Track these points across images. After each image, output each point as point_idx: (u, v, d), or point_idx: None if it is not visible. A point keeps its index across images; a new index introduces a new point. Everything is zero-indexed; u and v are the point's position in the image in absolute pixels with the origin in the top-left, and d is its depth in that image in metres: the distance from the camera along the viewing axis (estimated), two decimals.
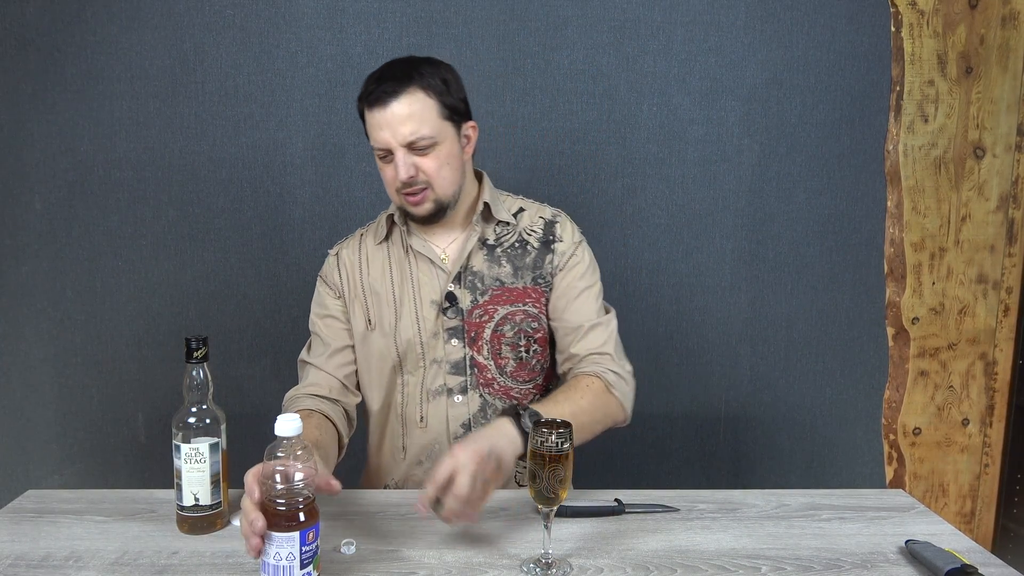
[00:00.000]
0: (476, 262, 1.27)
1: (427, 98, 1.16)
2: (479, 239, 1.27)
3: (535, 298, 1.27)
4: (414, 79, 1.15)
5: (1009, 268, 1.98)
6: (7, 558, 0.95)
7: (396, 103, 1.14)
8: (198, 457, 1.00)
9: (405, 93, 1.14)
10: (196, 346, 1.01)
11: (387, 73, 1.17)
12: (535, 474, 0.91)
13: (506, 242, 1.29)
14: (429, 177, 1.18)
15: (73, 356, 1.86)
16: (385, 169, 1.20)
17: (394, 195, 1.22)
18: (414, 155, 1.16)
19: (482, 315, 1.25)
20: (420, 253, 1.27)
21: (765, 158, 1.90)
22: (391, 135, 1.15)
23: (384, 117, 1.15)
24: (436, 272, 1.26)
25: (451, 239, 1.29)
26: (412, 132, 1.15)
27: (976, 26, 1.88)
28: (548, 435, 0.90)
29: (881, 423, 2.02)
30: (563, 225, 1.31)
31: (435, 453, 1.27)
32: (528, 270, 1.28)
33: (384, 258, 1.30)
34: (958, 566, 0.91)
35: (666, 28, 1.84)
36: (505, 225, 1.29)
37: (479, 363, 1.26)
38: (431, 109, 1.16)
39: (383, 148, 1.17)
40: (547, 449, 0.90)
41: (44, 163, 1.81)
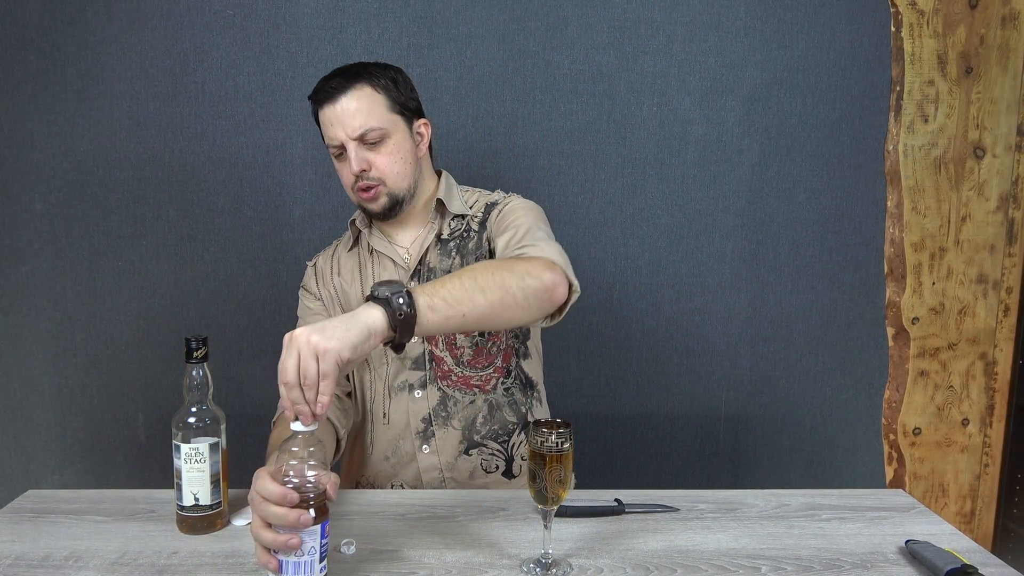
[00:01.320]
0: (432, 258, 1.29)
1: (375, 93, 1.21)
2: (435, 235, 1.29)
3: None
4: (361, 76, 1.20)
5: (1009, 268, 1.98)
6: (7, 558, 0.95)
7: (345, 98, 1.19)
8: (198, 457, 1.00)
9: (353, 88, 1.19)
10: (196, 346, 1.01)
11: (335, 72, 1.22)
12: (535, 474, 0.91)
13: (457, 235, 1.30)
14: (381, 172, 1.21)
15: (73, 356, 1.86)
16: (341, 168, 1.24)
17: (351, 193, 1.26)
18: (365, 150, 1.20)
19: None
20: (382, 253, 1.30)
21: (765, 158, 1.90)
22: (342, 129, 1.19)
23: (334, 113, 1.19)
24: (398, 271, 1.29)
25: (413, 237, 1.31)
26: (361, 125, 1.18)
27: (976, 26, 1.88)
28: (548, 435, 0.90)
29: (881, 423, 2.02)
30: (503, 199, 1.31)
31: (399, 450, 1.29)
32: (472, 255, 1.29)
33: (354, 264, 1.33)
34: (958, 566, 0.91)
35: (666, 28, 1.84)
36: (461, 219, 1.31)
37: (436, 356, 1.27)
38: (379, 103, 1.21)
39: (336, 144, 1.21)
40: (547, 449, 0.90)
41: (44, 163, 1.81)
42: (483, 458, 1.29)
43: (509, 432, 1.31)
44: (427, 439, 1.28)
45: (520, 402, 1.32)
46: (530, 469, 0.92)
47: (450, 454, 1.29)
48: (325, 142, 1.24)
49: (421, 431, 1.28)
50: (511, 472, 1.31)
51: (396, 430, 1.29)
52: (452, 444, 1.28)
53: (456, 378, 1.28)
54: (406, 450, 1.29)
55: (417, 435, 1.28)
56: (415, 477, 1.30)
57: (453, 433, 1.28)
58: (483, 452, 1.29)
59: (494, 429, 1.30)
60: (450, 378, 1.27)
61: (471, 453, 1.29)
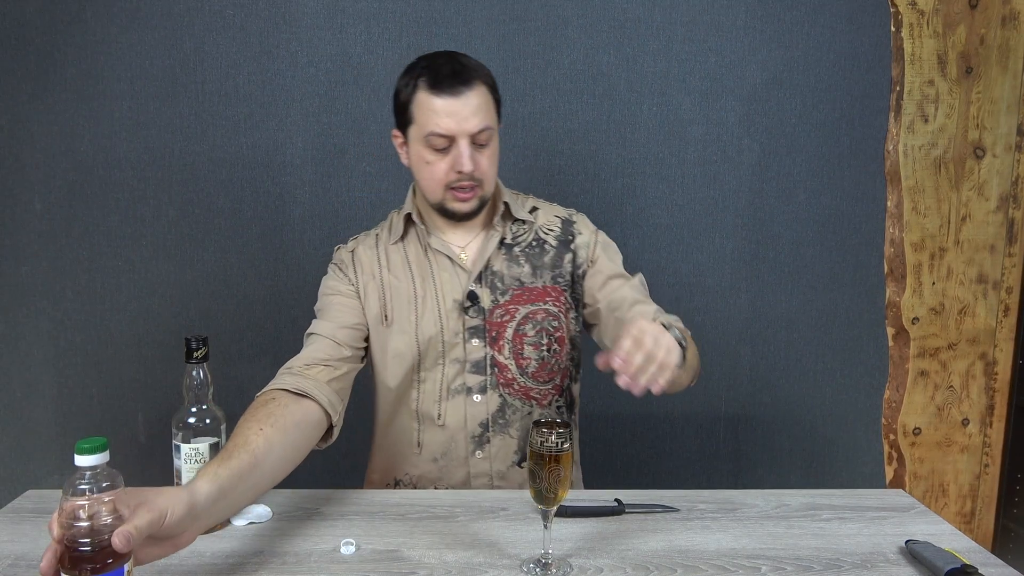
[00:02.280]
0: (496, 262, 1.26)
1: (488, 93, 1.18)
2: (499, 239, 1.27)
3: (555, 296, 1.28)
4: (480, 73, 1.17)
5: (1009, 268, 1.98)
6: (7, 558, 0.95)
7: (470, 93, 1.14)
8: (198, 457, 1.00)
9: (476, 84, 1.15)
10: (196, 346, 1.01)
11: (454, 64, 1.16)
12: (535, 474, 0.91)
13: (523, 241, 1.29)
14: (483, 173, 1.19)
15: (73, 356, 1.86)
16: (436, 162, 1.18)
17: (438, 191, 1.20)
18: (474, 149, 1.17)
19: (503, 315, 1.25)
20: (439, 252, 1.26)
21: (765, 158, 1.90)
22: (460, 123, 1.14)
23: (456, 105, 1.14)
24: (456, 271, 1.26)
25: (469, 237, 1.28)
26: (480, 123, 1.15)
27: (976, 26, 1.88)
28: (548, 435, 0.90)
29: (881, 423, 2.02)
30: (581, 222, 1.33)
31: (451, 452, 1.27)
32: (547, 269, 1.28)
33: (402, 257, 1.28)
34: (958, 566, 0.91)
35: (666, 28, 1.84)
36: (521, 224, 1.30)
37: (499, 363, 1.25)
38: (492, 105, 1.19)
39: (446, 136, 1.15)
40: (547, 449, 0.90)
41: (44, 163, 1.81)
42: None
43: None
44: (482, 444, 1.26)
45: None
46: (530, 469, 0.92)
47: (504, 462, 1.27)
48: (423, 130, 1.16)
49: (477, 436, 1.26)
50: None
51: (450, 432, 1.26)
52: (507, 452, 1.27)
53: (518, 387, 1.26)
54: (458, 453, 1.27)
55: (472, 439, 1.26)
56: (463, 482, 1.28)
57: (510, 442, 1.27)
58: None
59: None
60: (512, 386, 1.26)
61: (523, 465, 1.28)
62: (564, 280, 1.29)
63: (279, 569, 0.94)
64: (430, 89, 1.15)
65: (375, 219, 1.85)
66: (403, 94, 1.19)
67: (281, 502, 1.13)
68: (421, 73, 1.16)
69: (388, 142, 1.82)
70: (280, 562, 0.95)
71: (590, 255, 1.31)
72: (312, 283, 1.89)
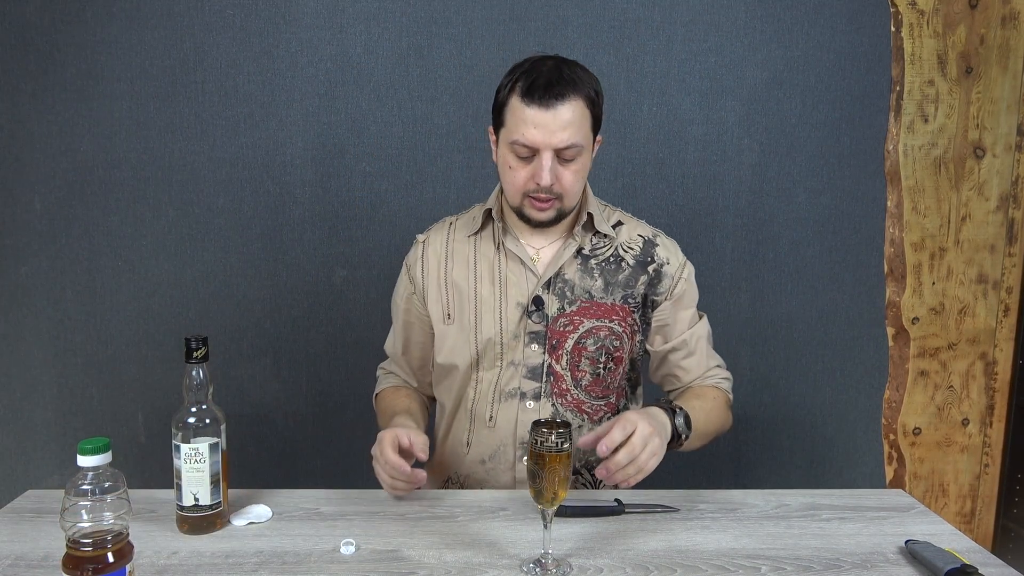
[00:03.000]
0: (569, 271, 1.25)
1: (585, 108, 1.14)
2: (576, 249, 1.25)
3: (622, 316, 1.26)
4: (579, 87, 1.13)
5: (1009, 268, 1.98)
6: (7, 558, 0.95)
7: (563, 106, 1.11)
8: (198, 457, 1.00)
9: (572, 98, 1.12)
10: (196, 346, 1.01)
11: (554, 74, 1.12)
12: (535, 474, 0.91)
13: (601, 255, 1.27)
14: (564, 188, 1.16)
15: (73, 356, 1.86)
16: (518, 169, 1.16)
17: (517, 196, 1.19)
18: (558, 163, 1.14)
19: (567, 324, 1.23)
20: (512, 252, 1.25)
21: (765, 158, 1.90)
22: (546, 137, 1.12)
23: (545, 117, 1.11)
24: (526, 274, 1.24)
25: (546, 242, 1.27)
26: (568, 139, 1.12)
27: (976, 26, 1.88)
28: (548, 435, 0.90)
29: (881, 423, 2.02)
30: (665, 246, 1.30)
31: (499, 455, 1.26)
32: (619, 287, 1.26)
33: (471, 252, 1.27)
34: (958, 566, 0.91)
35: (666, 28, 1.84)
36: (603, 237, 1.27)
37: (556, 372, 1.24)
38: (587, 120, 1.15)
39: (529, 146, 1.13)
40: (547, 449, 0.90)
41: (44, 163, 1.81)
42: (578, 485, 1.28)
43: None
44: None
45: None
46: (530, 469, 0.92)
47: None
48: (510, 135, 1.14)
49: (525, 442, 1.24)
50: None
51: (500, 436, 1.25)
52: None
53: (571, 399, 1.25)
54: (506, 457, 1.26)
55: (521, 445, 1.25)
56: (508, 484, 1.27)
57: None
58: (579, 480, 1.28)
59: (591, 460, 1.29)
60: (566, 397, 1.25)
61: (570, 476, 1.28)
62: (635, 301, 1.27)
63: (279, 569, 0.94)
64: (523, 96, 1.12)
65: (375, 219, 1.86)
66: (500, 94, 1.17)
67: (281, 502, 1.13)
68: (520, 77, 1.14)
69: (388, 142, 1.84)
70: (280, 562, 0.95)
71: (672, 287, 1.29)
72: (312, 283, 1.90)
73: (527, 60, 1.17)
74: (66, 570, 0.75)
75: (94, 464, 0.78)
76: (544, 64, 1.14)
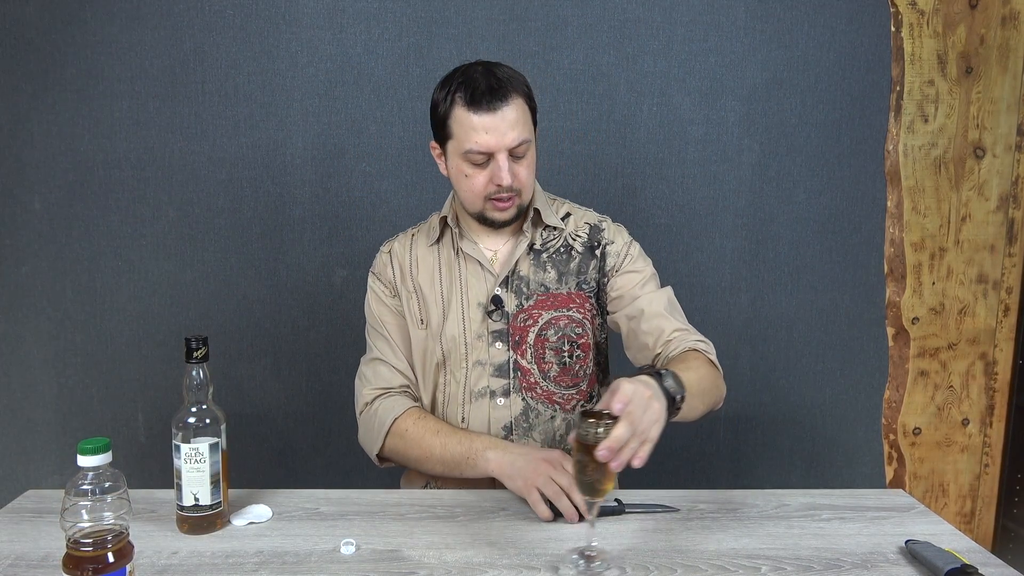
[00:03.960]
0: (523, 267, 1.27)
1: (524, 104, 1.18)
2: (528, 244, 1.27)
3: (579, 303, 1.28)
4: (515, 86, 1.17)
5: (1009, 268, 1.98)
6: (7, 558, 0.95)
7: (506, 108, 1.14)
8: (198, 457, 1.00)
9: (512, 99, 1.15)
10: (196, 346, 1.01)
11: (490, 79, 1.15)
12: (584, 466, 0.90)
13: (551, 247, 1.29)
14: (521, 184, 1.20)
15: (73, 356, 1.86)
16: (475, 175, 1.18)
17: (478, 200, 1.21)
18: (512, 161, 1.17)
19: (527, 319, 1.26)
20: (470, 256, 1.27)
21: (765, 158, 1.90)
22: (498, 139, 1.15)
23: (493, 121, 1.14)
24: (484, 275, 1.27)
25: (501, 242, 1.29)
26: (518, 136, 1.16)
27: (976, 26, 1.88)
28: (597, 426, 0.88)
29: (881, 423, 2.02)
30: (610, 229, 1.33)
31: None
32: (572, 275, 1.28)
33: (434, 260, 1.30)
34: (958, 566, 0.91)
35: (666, 28, 1.84)
36: (552, 230, 1.30)
37: (522, 367, 1.26)
38: (528, 114, 1.19)
39: (484, 152, 1.16)
40: (597, 440, 0.87)
41: (44, 163, 1.81)
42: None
43: None
44: None
45: None
46: (579, 460, 0.90)
47: None
48: (461, 146, 1.17)
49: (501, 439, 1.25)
50: None
51: None
52: None
53: (541, 391, 1.26)
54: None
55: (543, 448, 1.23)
56: (488, 485, 1.26)
57: (533, 445, 1.26)
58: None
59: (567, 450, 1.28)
60: (535, 390, 1.26)
61: None
62: (589, 287, 1.30)
63: (279, 569, 0.94)
64: (467, 106, 1.15)
65: (375, 219, 1.86)
66: (440, 108, 1.19)
67: (281, 502, 1.13)
68: (458, 88, 1.16)
69: (388, 142, 1.84)
70: (280, 562, 0.95)
71: (618, 263, 1.31)
72: (312, 283, 1.90)
73: (456, 71, 1.19)
74: (66, 570, 0.75)
75: (94, 464, 0.78)
76: (475, 71, 1.17)
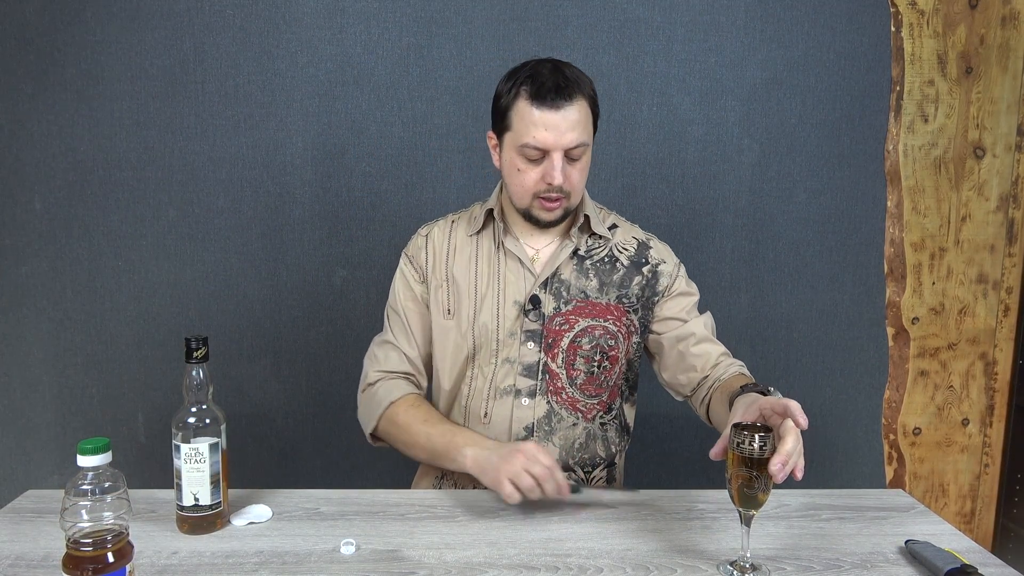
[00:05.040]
0: (565, 271, 1.26)
1: (588, 107, 1.17)
2: (572, 249, 1.27)
3: (616, 316, 1.27)
4: (582, 86, 1.16)
5: (1009, 268, 1.98)
6: (7, 558, 0.95)
7: (570, 108, 1.14)
8: (198, 457, 1.00)
9: (576, 99, 1.14)
10: (196, 346, 1.01)
11: (558, 76, 1.15)
12: (751, 480, 0.90)
13: (596, 256, 1.29)
14: (572, 186, 1.19)
15: (73, 356, 1.86)
16: (527, 171, 1.18)
17: (527, 197, 1.20)
18: (566, 162, 1.17)
19: (563, 323, 1.25)
20: (511, 252, 1.26)
21: (765, 158, 1.90)
22: (556, 138, 1.14)
23: (554, 119, 1.13)
24: (524, 273, 1.26)
25: (544, 243, 1.29)
26: (576, 139, 1.15)
27: (976, 26, 1.88)
28: (765, 440, 0.90)
29: (881, 423, 2.02)
30: (658, 249, 1.33)
31: None
32: (614, 287, 1.28)
33: (473, 250, 1.29)
34: (958, 566, 0.91)
35: (666, 28, 1.84)
36: (598, 239, 1.30)
37: (551, 370, 1.25)
38: (590, 118, 1.18)
39: (541, 148, 1.15)
40: (763, 454, 0.90)
41: (44, 163, 1.81)
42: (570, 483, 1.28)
43: (595, 465, 1.30)
44: None
45: (612, 442, 1.31)
46: (745, 476, 0.91)
47: None
48: (519, 139, 1.16)
49: (520, 439, 1.25)
50: None
51: (495, 432, 1.25)
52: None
53: (566, 396, 1.26)
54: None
55: (515, 441, 1.24)
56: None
57: (552, 450, 1.26)
58: (572, 477, 1.28)
59: (584, 458, 1.29)
60: (560, 395, 1.26)
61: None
62: (629, 302, 1.29)
63: (279, 569, 0.94)
64: (531, 100, 1.14)
65: (375, 219, 1.86)
66: (504, 99, 1.18)
67: (281, 502, 1.13)
68: (524, 81, 1.15)
69: (388, 142, 1.84)
70: (280, 562, 0.95)
71: (670, 284, 1.31)
72: (312, 283, 1.90)
73: (525, 65, 1.18)
74: (66, 570, 0.75)
75: (94, 464, 0.78)
76: (544, 67, 1.16)
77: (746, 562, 0.94)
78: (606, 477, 1.32)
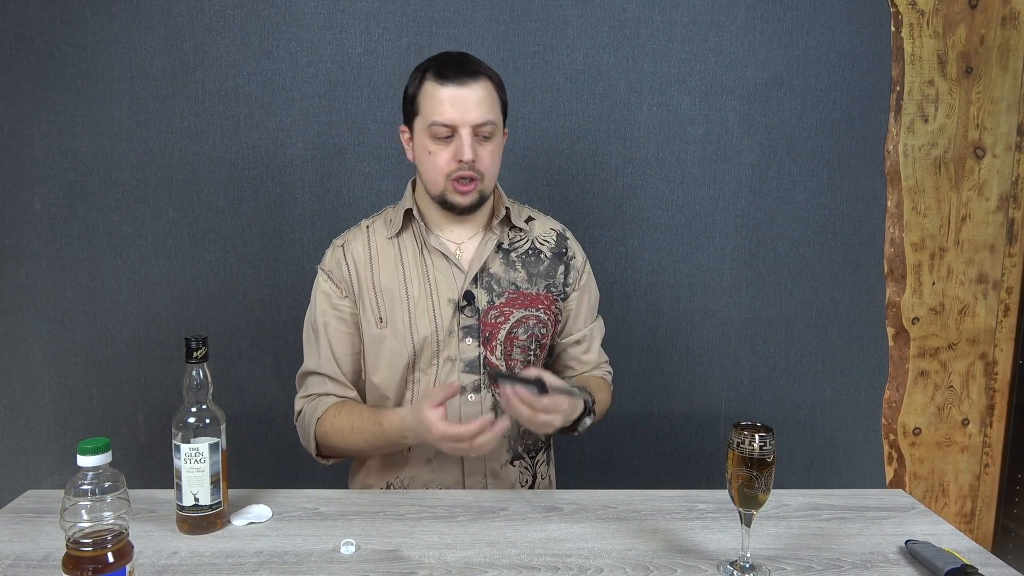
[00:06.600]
0: (493, 265, 1.28)
1: (493, 89, 1.21)
2: (496, 243, 1.29)
3: (547, 304, 1.31)
4: (486, 71, 1.21)
5: (1009, 268, 1.98)
6: (7, 558, 0.95)
7: (474, 84, 1.17)
8: (198, 457, 1.00)
9: (481, 78, 1.19)
10: (196, 346, 1.01)
11: (460, 57, 1.21)
12: (753, 480, 0.91)
13: (520, 248, 1.32)
14: (484, 167, 1.21)
15: (73, 356, 1.86)
16: (438, 152, 1.20)
17: (440, 180, 1.21)
18: (476, 141, 1.19)
19: (498, 316, 1.27)
20: (436, 250, 1.27)
21: (765, 158, 1.90)
22: (463, 113, 1.17)
23: (459, 94, 1.17)
24: (453, 271, 1.27)
25: (466, 236, 1.30)
26: (482, 115, 1.18)
27: (976, 26, 1.88)
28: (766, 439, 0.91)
29: (881, 423, 2.02)
30: (572, 241, 1.39)
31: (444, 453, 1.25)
32: (541, 278, 1.32)
33: (396, 254, 1.28)
34: (958, 566, 0.91)
35: (666, 28, 1.84)
36: (519, 231, 1.33)
37: (492, 363, 1.27)
38: (496, 102, 1.22)
39: (448, 124, 1.17)
40: (766, 453, 0.90)
41: (44, 163, 1.81)
42: (520, 470, 1.31)
43: (538, 449, 1.34)
44: None
45: None
46: (745, 476, 0.91)
47: (497, 461, 1.29)
48: (427, 119, 1.18)
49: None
50: (534, 488, 1.33)
51: None
52: (500, 452, 1.29)
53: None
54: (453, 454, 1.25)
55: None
56: (457, 482, 1.28)
57: (503, 441, 1.27)
58: (520, 464, 1.31)
59: (528, 444, 1.32)
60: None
61: (515, 464, 1.30)
62: (557, 290, 1.33)
63: (279, 569, 0.94)
64: (436, 79, 1.18)
65: None
66: (411, 88, 1.23)
67: (281, 502, 1.13)
68: (429, 66, 1.21)
69: (388, 142, 1.84)
70: (280, 562, 0.95)
71: (578, 279, 1.37)
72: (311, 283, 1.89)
73: (429, 57, 1.24)
74: (66, 570, 0.75)
75: (94, 464, 0.78)
76: (448, 54, 1.22)
77: (746, 562, 0.94)
78: (546, 460, 1.38)
